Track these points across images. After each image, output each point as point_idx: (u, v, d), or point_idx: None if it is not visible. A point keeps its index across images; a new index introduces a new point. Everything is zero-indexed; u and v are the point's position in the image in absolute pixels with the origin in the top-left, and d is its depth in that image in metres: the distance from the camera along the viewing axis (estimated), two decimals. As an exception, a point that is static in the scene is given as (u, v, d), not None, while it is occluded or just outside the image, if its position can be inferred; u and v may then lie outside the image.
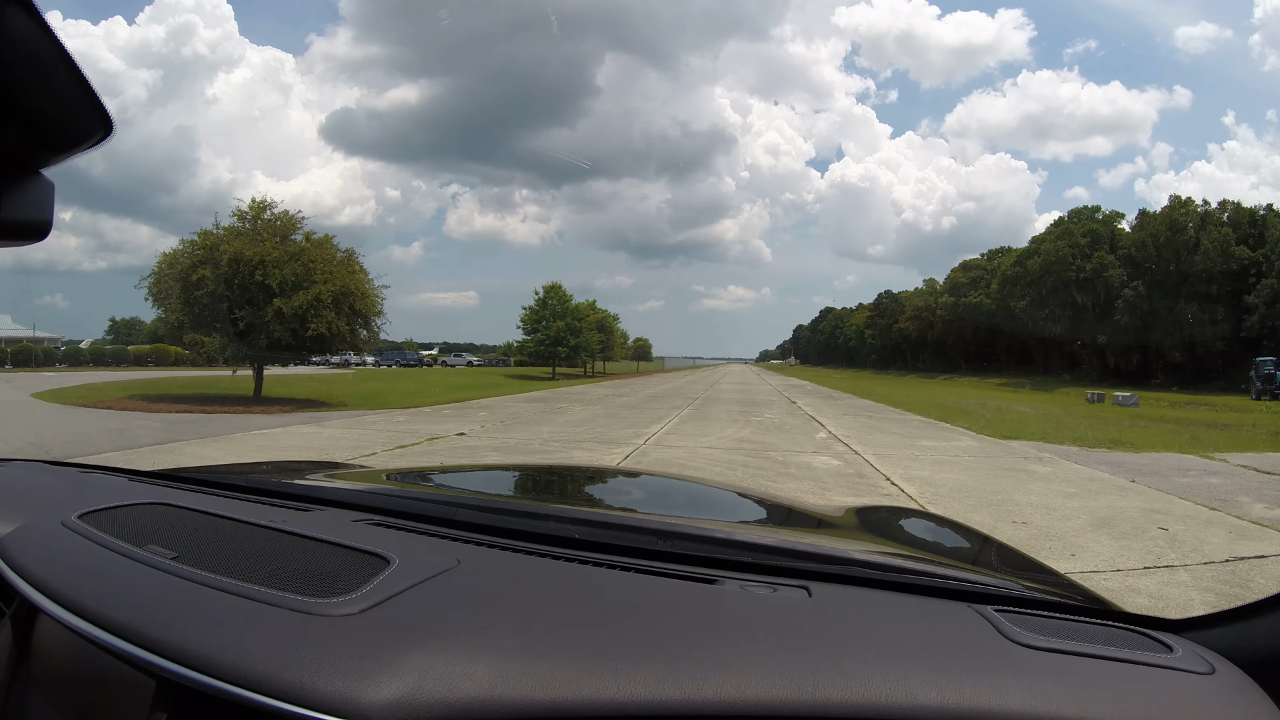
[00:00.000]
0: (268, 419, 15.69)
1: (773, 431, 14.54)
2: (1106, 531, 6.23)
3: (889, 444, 12.75)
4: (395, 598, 0.93)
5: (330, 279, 19.46)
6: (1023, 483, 8.84)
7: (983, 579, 1.20)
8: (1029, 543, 5.64)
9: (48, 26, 0.62)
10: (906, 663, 0.83)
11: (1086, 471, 9.95)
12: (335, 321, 19.24)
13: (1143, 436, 15.30)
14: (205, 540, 1.15)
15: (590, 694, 0.77)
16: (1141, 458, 11.71)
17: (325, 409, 18.93)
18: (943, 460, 10.69)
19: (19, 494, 1.48)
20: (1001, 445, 13.07)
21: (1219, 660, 0.90)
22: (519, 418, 16.74)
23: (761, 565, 1.15)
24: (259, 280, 18.71)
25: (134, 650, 0.86)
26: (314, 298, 18.79)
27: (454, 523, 1.32)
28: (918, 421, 18.29)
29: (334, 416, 16.57)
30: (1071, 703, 0.78)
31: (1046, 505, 7.40)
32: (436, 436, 12.59)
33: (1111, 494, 8.20)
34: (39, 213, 0.77)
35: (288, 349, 19.51)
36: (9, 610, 1.09)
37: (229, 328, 19.01)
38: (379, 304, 21.14)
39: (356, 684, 0.76)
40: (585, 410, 19.74)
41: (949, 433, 15.26)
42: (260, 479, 1.80)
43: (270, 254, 18.86)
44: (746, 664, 0.82)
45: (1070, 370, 69.32)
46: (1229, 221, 57.85)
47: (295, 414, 17.06)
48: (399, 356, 75.36)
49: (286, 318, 18.63)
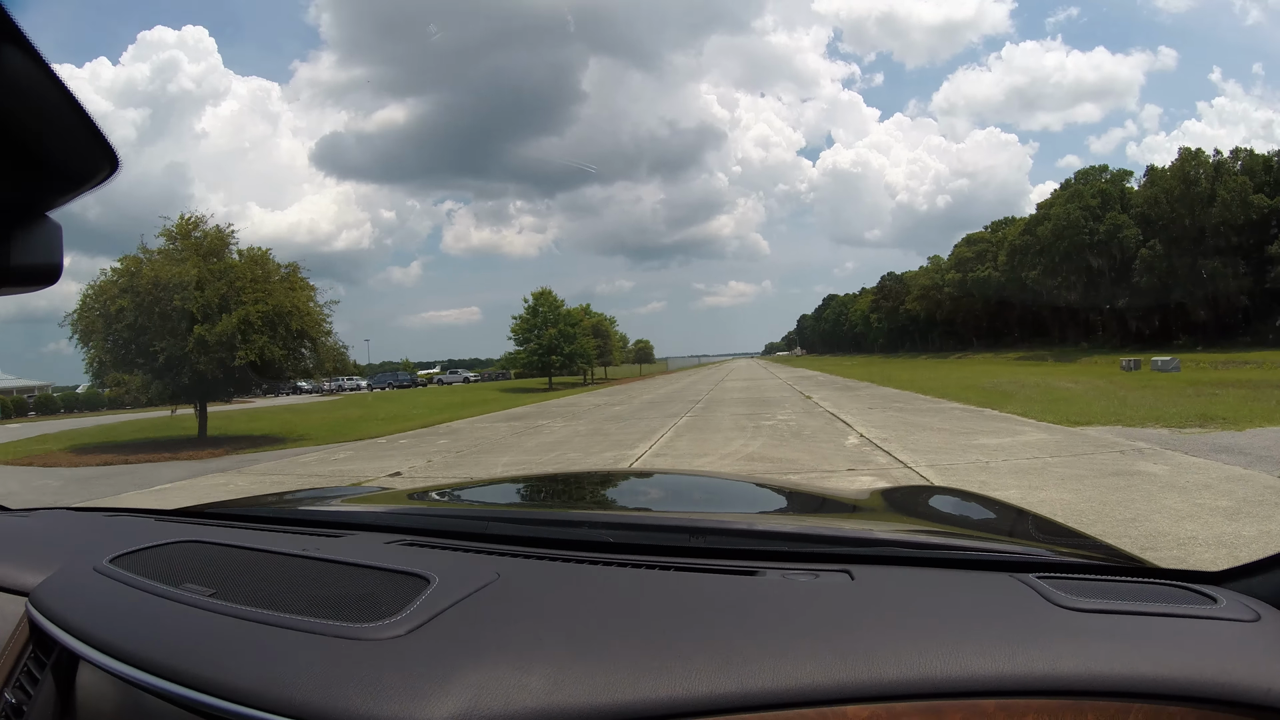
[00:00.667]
0: (183, 468, 13.28)
1: (791, 441, 11.77)
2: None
3: (941, 446, 10.03)
4: (439, 616, 0.91)
5: (264, 298, 16.82)
6: (1150, 494, 6.36)
7: (1020, 548, 1.25)
8: None
9: (47, 66, 0.60)
10: (958, 636, 0.83)
11: (1211, 466, 7.49)
12: (269, 347, 16.50)
13: (1227, 408, 12.68)
14: (241, 574, 1.12)
15: (648, 693, 0.77)
16: (1254, 437, 9.42)
17: (272, 447, 16.49)
18: (1022, 466, 8.02)
19: (47, 543, 1.49)
20: (1077, 435, 10.39)
21: (1263, 607, 0.89)
22: (482, 444, 14.05)
23: (799, 553, 1.16)
24: (179, 305, 16.09)
25: (182, 691, 0.85)
26: (240, 321, 16.07)
27: (488, 537, 1.33)
28: (959, 411, 15.36)
29: (266, 458, 13.99)
30: (1123, 660, 0.77)
31: (1215, 535, 5.05)
32: (363, 479, 10.02)
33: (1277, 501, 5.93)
34: (48, 256, 0.76)
35: (215, 383, 16.83)
36: (49, 661, 1.07)
37: (149, 363, 16.38)
38: (325, 323, 18.47)
39: (412, 705, 0.75)
40: (565, 428, 17.02)
41: (1005, 423, 12.46)
42: (288, 509, 1.83)
43: (188, 274, 16.21)
44: (799, 650, 0.81)
45: (1087, 338, 66.79)
46: (1243, 170, 54.90)
47: (224, 458, 14.53)
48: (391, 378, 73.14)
49: (210, 346, 15.93)
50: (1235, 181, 53.74)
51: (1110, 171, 67.00)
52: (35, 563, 1.30)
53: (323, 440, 17.50)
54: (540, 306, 51.68)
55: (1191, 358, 38.59)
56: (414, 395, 47.32)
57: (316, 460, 13.04)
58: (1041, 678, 0.76)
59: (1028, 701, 0.75)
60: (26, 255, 0.74)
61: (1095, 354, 54.37)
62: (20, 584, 1.24)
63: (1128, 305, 59.91)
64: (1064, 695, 0.76)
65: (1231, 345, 48.18)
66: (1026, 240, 67.48)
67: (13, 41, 0.58)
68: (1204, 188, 54.88)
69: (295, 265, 18.78)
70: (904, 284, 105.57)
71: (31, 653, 1.12)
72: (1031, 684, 0.76)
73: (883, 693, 0.76)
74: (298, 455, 14.17)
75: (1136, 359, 34.59)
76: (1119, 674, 0.76)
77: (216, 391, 17.89)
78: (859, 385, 28.72)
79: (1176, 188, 55.97)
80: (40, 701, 1.06)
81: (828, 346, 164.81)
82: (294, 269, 18.71)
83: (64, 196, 0.74)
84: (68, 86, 0.63)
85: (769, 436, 12.46)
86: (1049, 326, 73.27)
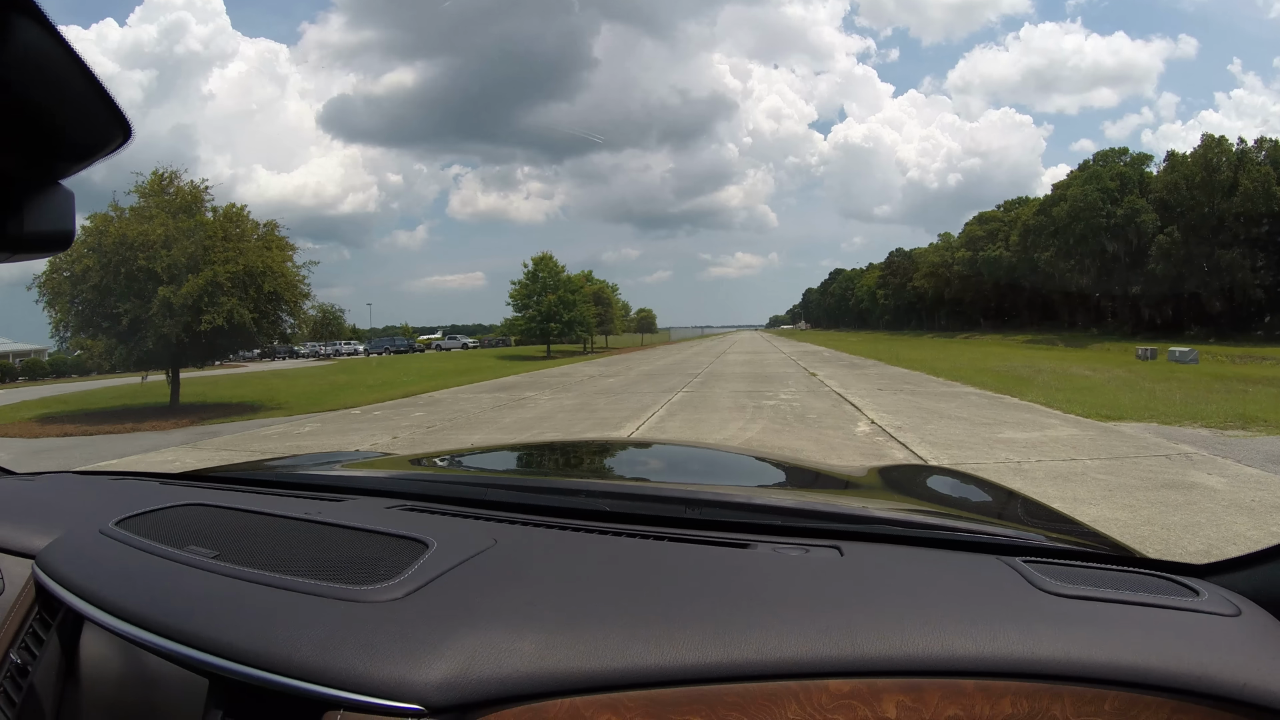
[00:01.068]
0: (140, 440, 12.40)
1: (795, 425, 10.72)
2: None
3: (963, 440, 8.98)
4: (437, 580, 0.93)
5: (235, 258, 15.71)
6: (1216, 516, 5.37)
7: (1010, 531, 1.25)
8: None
9: (59, 35, 0.61)
10: (941, 615, 0.83)
11: (1275, 481, 6.47)
12: (238, 310, 15.40)
13: (1263, 408, 11.52)
14: (244, 537, 1.13)
15: (636, 660, 0.78)
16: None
17: (242, 416, 15.56)
18: (1059, 470, 6.99)
19: (53, 506, 1.50)
20: (1111, 433, 9.35)
21: (1244, 602, 0.90)
22: (458, 419, 13.02)
23: (791, 528, 1.16)
24: (144, 265, 15.01)
25: (185, 650, 0.87)
26: (207, 282, 14.97)
27: (486, 503, 1.34)
28: (975, 396, 14.20)
29: (228, 430, 13.03)
30: (1102, 647, 0.78)
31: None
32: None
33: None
34: (61, 223, 0.76)
35: (182, 348, 15.76)
36: (54, 622, 1.08)
37: (113, 326, 15.36)
38: (303, 285, 17.34)
39: (408, 666, 0.77)
40: (551, 401, 15.98)
41: (1029, 414, 11.37)
42: (290, 473, 1.80)
43: (154, 232, 15.10)
44: (784, 623, 0.83)
45: (1097, 324, 65.46)
46: (1267, 160, 53.01)
47: (186, 429, 13.63)
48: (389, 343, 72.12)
49: (176, 309, 14.84)
50: (1259, 171, 51.95)
51: (1130, 154, 65.01)
52: (41, 525, 1.31)
53: (299, 410, 16.52)
54: (540, 272, 50.48)
55: (1206, 350, 37.39)
56: (408, 361, 46.36)
57: (278, 434, 12.07)
58: (1021, 660, 0.77)
59: (1006, 683, 0.77)
60: (40, 223, 0.74)
61: (1106, 340, 53.13)
62: (26, 546, 1.25)
63: (1141, 293, 58.39)
64: (1042, 679, 0.76)
65: (1245, 339, 47.09)
66: (1041, 221, 65.75)
67: (25, 12, 0.58)
68: (1226, 176, 53.13)
69: (273, 223, 17.64)
70: (912, 261, 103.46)
71: (37, 614, 1.13)
72: (1011, 666, 0.77)
73: (864, 668, 0.77)
74: (262, 428, 13.20)
75: (1152, 348, 33.42)
76: (1097, 660, 0.77)
77: (185, 357, 16.78)
78: (866, 363, 27.52)
79: (1198, 174, 54.24)
80: (45, 662, 1.06)
81: (832, 321, 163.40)
82: (272, 226, 17.57)
83: (77, 165, 0.74)
84: (80, 56, 0.62)
85: (770, 419, 11.44)
86: (1059, 311, 71.87)
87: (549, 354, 49.15)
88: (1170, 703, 0.75)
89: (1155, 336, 49.60)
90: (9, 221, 0.73)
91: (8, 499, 1.58)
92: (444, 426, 12.04)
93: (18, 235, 0.74)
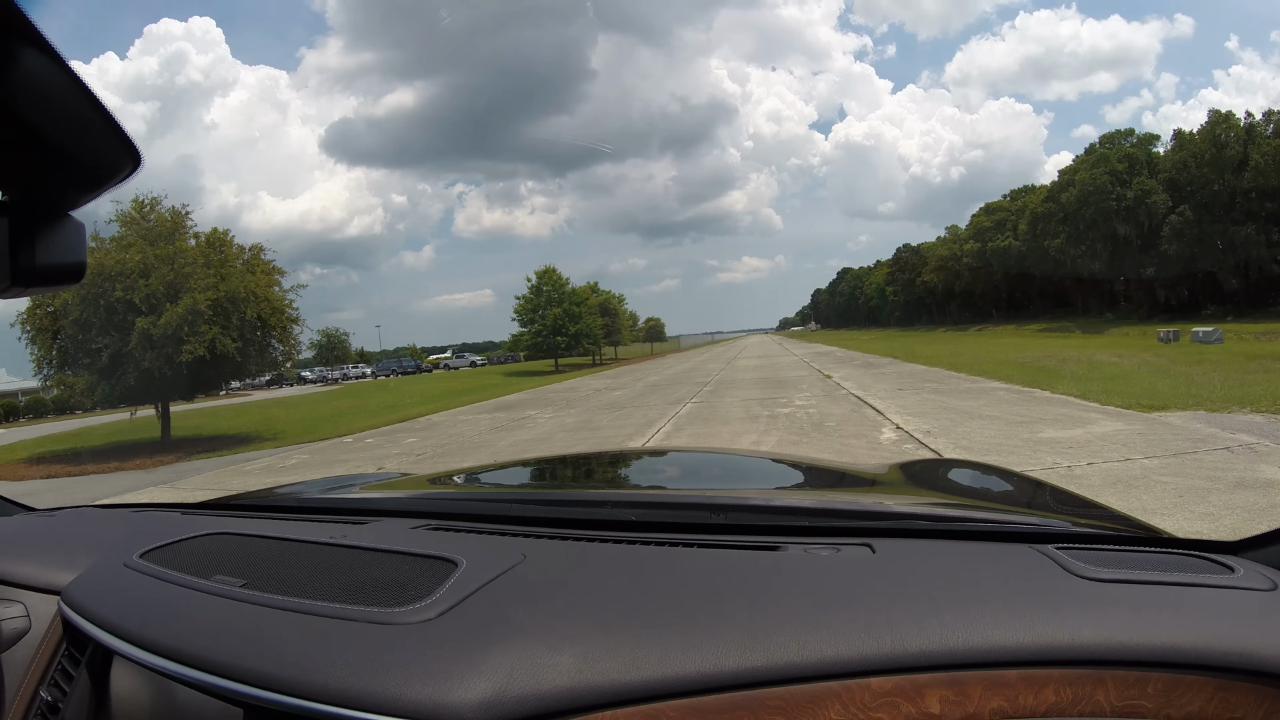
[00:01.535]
0: (122, 481, 11.73)
1: (813, 435, 9.88)
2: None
3: (1000, 443, 8.11)
4: (469, 599, 0.92)
5: (217, 285, 15.05)
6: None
7: (1040, 519, 1.22)
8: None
9: (66, 65, 0.60)
10: (979, 606, 0.82)
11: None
12: (220, 338, 14.75)
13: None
14: (270, 564, 1.11)
15: (676, 669, 0.77)
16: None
17: (232, 450, 14.94)
18: (1116, 474, 6.13)
19: (76, 541, 1.47)
20: (1159, 424, 8.48)
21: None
22: (451, 445, 12.29)
23: (820, 528, 1.15)
24: (121, 296, 14.40)
25: (217, 681, 0.86)
26: (187, 310, 14.30)
27: (512, 519, 1.33)
28: (1003, 392, 13.23)
29: (211, 466, 12.37)
30: (1142, 629, 0.77)
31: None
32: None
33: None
34: (73, 255, 0.75)
35: (166, 382, 15.09)
36: (83, 658, 1.07)
37: (95, 361, 14.74)
38: (290, 309, 16.68)
39: (446, 687, 0.76)
40: (552, 420, 15.23)
41: (1065, 408, 10.46)
42: (312, 498, 1.80)
43: (131, 260, 14.49)
44: (823, 623, 0.81)
45: (1112, 309, 64.22)
46: (1275, 133, 51.68)
47: (172, 466, 13.00)
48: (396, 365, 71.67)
49: (155, 341, 14.20)
50: (1270, 145, 50.68)
51: (1136, 135, 63.76)
52: (65, 561, 1.30)
53: (293, 439, 15.92)
54: (544, 285, 49.85)
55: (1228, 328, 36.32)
56: (413, 383, 45.80)
57: (262, 469, 11.40)
58: (1062, 647, 0.76)
59: (1048, 671, 0.75)
60: (52, 254, 0.73)
61: (1123, 325, 52.19)
62: (51, 583, 1.25)
63: (1155, 274, 57.15)
64: (1084, 665, 0.75)
65: (1263, 315, 45.46)
66: (1049, 208, 64.62)
67: (33, 44, 0.58)
68: (1235, 151, 51.87)
69: (259, 247, 17.01)
70: (920, 255, 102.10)
71: (65, 650, 1.12)
72: (1052, 654, 0.76)
73: (905, 664, 0.76)
74: (247, 462, 12.54)
75: (1175, 330, 32.35)
76: (1138, 643, 0.76)
77: (169, 391, 16.10)
78: (881, 361, 26.47)
79: (1206, 151, 53.07)
80: (75, 698, 1.06)
81: (843, 321, 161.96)
82: (257, 250, 16.96)
83: (88, 195, 0.74)
84: (88, 86, 0.62)
85: (786, 429, 10.59)
86: (1071, 297, 70.79)
87: (557, 368, 48.47)
88: (1213, 681, 0.73)
89: (1172, 318, 48.47)
90: (21, 254, 0.71)
91: (31, 535, 1.59)
92: (435, 454, 11.32)
93: (30, 268, 0.72)
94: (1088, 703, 0.74)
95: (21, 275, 0.72)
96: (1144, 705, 0.74)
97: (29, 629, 1.22)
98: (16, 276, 0.72)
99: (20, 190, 0.70)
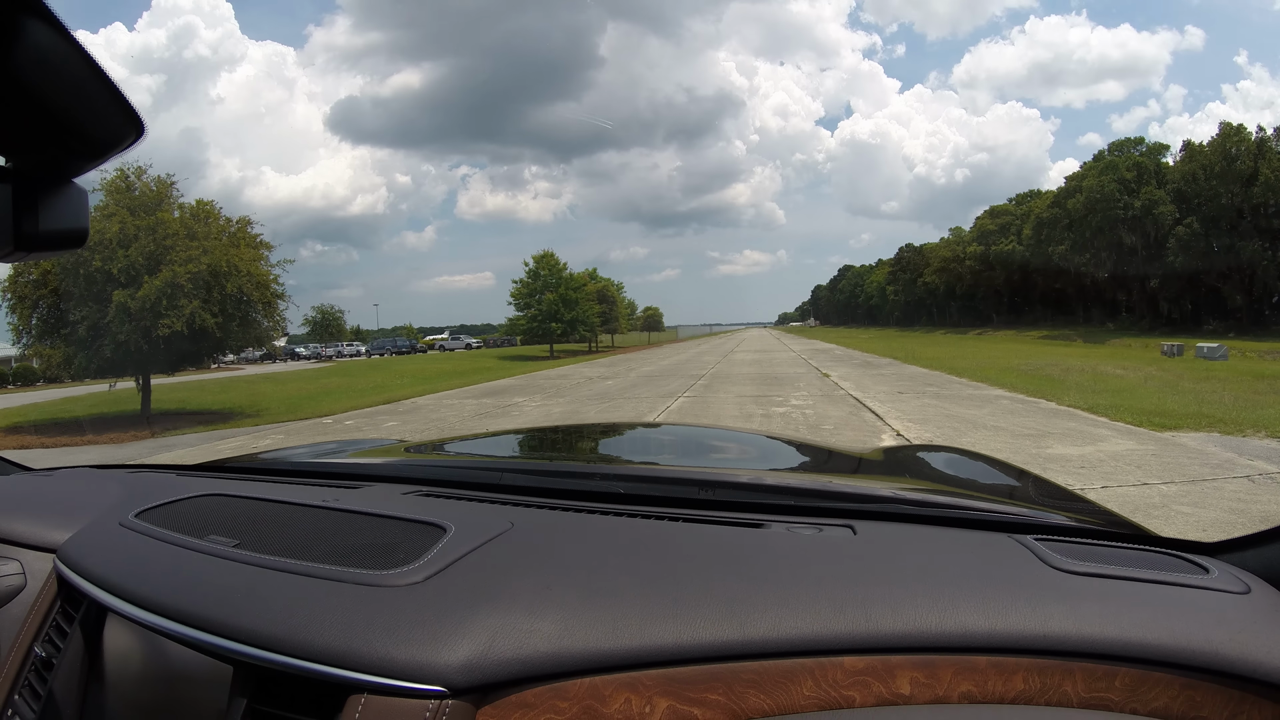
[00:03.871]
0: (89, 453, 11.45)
1: (809, 437, 9.44)
2: None
3: (1007, 457, 7.21)
4: (456, 563, 0.93)
5: (199, 257, 14.62)
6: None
7: (1021, 510, 1.23)
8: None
9: (70, 34, 0.62)
10: (954, 593, 0.83)
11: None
12: (200, 313, 14.33)
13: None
14: (264, 525, 1.12)
15: (654, 639, 0.79)
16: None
17: (210, 426, 14.63)
18: (1133, 499, 5.73)
19: (72, 500, 1.48)
20: (1172, 445, 8.13)
21: (1254, 580, 0.89)
22: (430, 432, 11.82)
23: (805, 507, 1.17)
24: (100, 267, 13.97)
25: (209, 638, 0.87)
26: (165, 284, 13.87)
27: (502, 487, 1.35)
28: (1007, 400, 12.85)
29: (185, 443, 12.06)
30: (1113, 624, 0.78)
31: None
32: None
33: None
34: (76, 221, 0.77)
35: (143, 355, 14.68)
36: (77, 615, 1.08)
37: (72, 332, 14.35)
38: (275, 284, 16.25)
39: (430, 649, 0.78)
40: (539, 408, 14.82)
41: (1072, 422, 10.07)
42: (306, 461, 1.81)
43: (110, 230, 14.04)
44: (800, 601, 0.83)
45: (1113, 318, 63.76)
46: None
47: (146, 441, 12.67)
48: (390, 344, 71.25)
49: (133, 314, 13.79)
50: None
51: (1146, 144, 63.15)
52: (61, 520, 1.31)
53: (273, 418, 15.55)
54: (541, 270, 49.36)
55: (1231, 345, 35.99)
56: (406, 363, 45.45)
57: (234, 449, 11.00)
58: (1032, 636, 0.77)
59: (1019, 659, 0.77)
60: (55, 220, 0.75)
61: (1124, 336, 51.51)
62: (47, 540, 1.26)
63: (1160, 286, 56.76)
64: (1054, 655, 0.76)
65: (1265, 334, 45.45)
66: (1055, 213, 63.97)
67: (36, 14, 0.59)
68: (1245, 165, 51.34)
69: (245, 219, 16.58)
70: (923, 255, 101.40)
71: (60, 607, 1.13)
72: (1023, 642, 0.77)
73: (878, 645, 0.78)
74: (221, 440, 12.14)
75: (1178, 344, 31.96)
76: (1108, 637, 0.76)
77: (147, 365, 15.71)
78: (880, 361, 26.09)
79: (1217, 164, 52.46)
80: (69, 655, 1.06)
81: (842, 318, 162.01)
82: (244, 223, 16.53)
83: (91, 162, 0.75)
84: (92, 55, 0.63)
85: (780, 430, 10.09)
86: (1073, 305, 70.35)
87: (552, 354, 48.09)
88: (1181, 679, 0.75)
89: (1173, 331, 48.13)
90: (25, 220, 0.73)
91: (27, 494, 1.58)
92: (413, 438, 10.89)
93: (33, 233, 0.74)
94: (1055, 692, 0.75)
95: (25, 240, 0.73)
96: (1111, 698, 0.75)
97: (24, 586, 1.24)
98: (19, 241, 0.73)
99: (24, 157, 0.71)
